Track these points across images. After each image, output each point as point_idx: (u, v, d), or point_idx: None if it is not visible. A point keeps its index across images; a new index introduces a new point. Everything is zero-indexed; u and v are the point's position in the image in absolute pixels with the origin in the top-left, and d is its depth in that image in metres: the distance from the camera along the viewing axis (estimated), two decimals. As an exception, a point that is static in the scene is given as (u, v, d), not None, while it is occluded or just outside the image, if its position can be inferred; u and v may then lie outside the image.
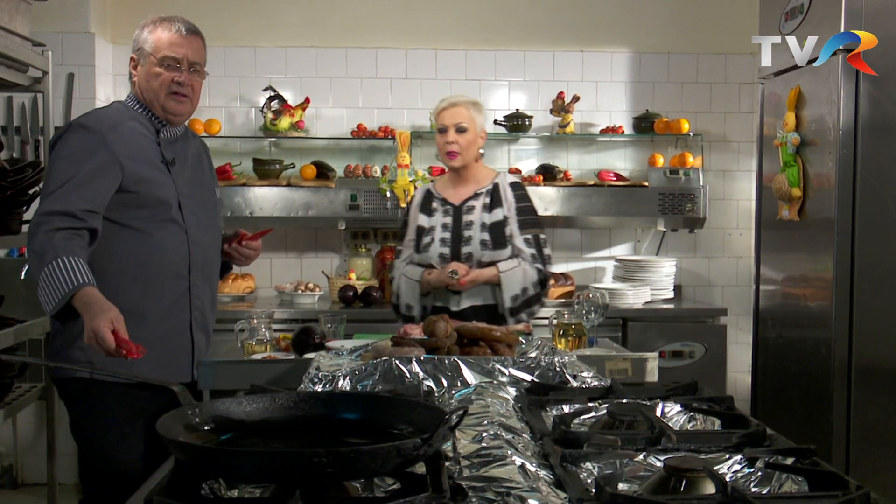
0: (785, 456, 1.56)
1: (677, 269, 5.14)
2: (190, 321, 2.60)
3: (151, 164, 2.54)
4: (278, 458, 1.30)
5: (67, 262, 2.24)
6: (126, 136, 2.50)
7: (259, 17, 5.09)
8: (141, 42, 2.60)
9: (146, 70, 2.57)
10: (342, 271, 5.05)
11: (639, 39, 5.21)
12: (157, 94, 2.56)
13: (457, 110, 3.34)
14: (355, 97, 5.16)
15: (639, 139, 5.18)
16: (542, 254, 3.35)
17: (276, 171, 4.84)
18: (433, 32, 5.15)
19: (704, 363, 4.49)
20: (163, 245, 2.53)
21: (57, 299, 2.22)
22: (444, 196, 3.42)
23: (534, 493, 1.33)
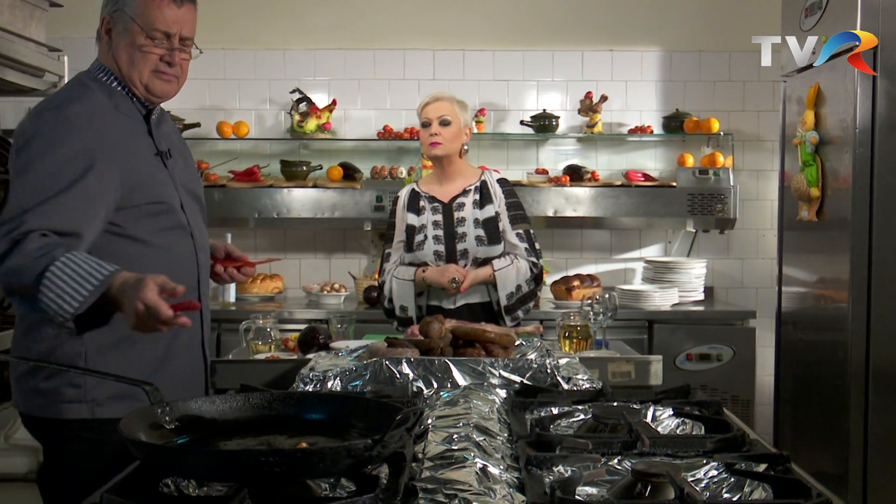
0: (758, 462, 1.53)
1: (709, 270, 5.06)
2: (202, 336, 2.30)
3: (148, 161, 2.13)
4: (227, 458, 1.31)
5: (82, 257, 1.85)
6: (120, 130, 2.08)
7: (288, 21, 5.14)
8: (121, 2, 2.10)
9: (128, 41, 2.09)
10: (370, 272, 5.07)
11: (669, 38, 5.14)
12: (140, 71, 2.10)
13: (440, 104, 3.35)
14: (383, 98, 5.17)
15: (670, 139, 5.11)
16: (534, 248, 3.35)
17: (303, 173, 4.88)
18: (461, 33, 5.15)
19: (732, 366, 4.41)
20: (173, 257, 2.16)
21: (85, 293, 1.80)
22: (432, 194, 3.41)
23: (482, 496, 1.32)
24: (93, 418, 2.05)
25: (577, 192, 4.76)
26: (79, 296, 1.81)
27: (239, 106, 5.15)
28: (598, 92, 4.99)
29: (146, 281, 1.77)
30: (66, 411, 2.06)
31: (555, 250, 5.16)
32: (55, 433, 2.09)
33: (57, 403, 2.06)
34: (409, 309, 3.36)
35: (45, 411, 2.08)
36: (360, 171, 4.91)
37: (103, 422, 2.01)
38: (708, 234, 5.05)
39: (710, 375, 4.41)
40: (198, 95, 5.11)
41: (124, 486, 1.34)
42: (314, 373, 2.16)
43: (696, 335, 4.45)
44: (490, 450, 1.61)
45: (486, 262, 3.31)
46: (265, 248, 5.18)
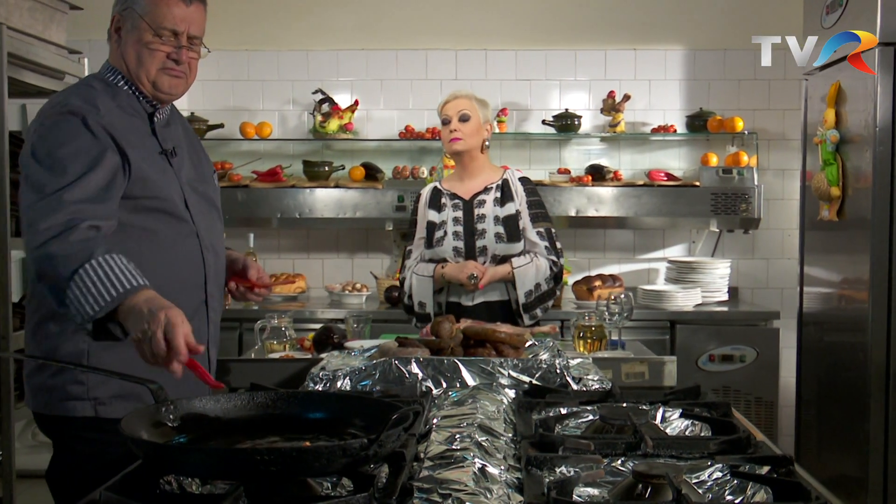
0: (761, 464, 1.51)
1: (734, 270, 5.02)
2: (207, 337, 2.24)
3: (151, 157, 2.12)
4: (223, 456, 1.32)
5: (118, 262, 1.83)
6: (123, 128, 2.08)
7: (311, 22, 5.16)
8: (129, 0, 2.11)
9: (136, 38, 2.10)
10: (392, 272, 5.08)
11: (693, 36, 5.10)
12: (147, 69, 2.11)
13: (458, 101, 3.39)
14: (405, 99, 5.18)
15: (694, 138, 5.07)
16: (555, 247, 3.35)
17: (325, 173, 4.90)
18: (483, 33, 5.14)
19: (755, 368, 4.37)
20: (177, 253, 2.14)
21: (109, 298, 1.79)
22: (454, 191, 3.44)
23: (477, 496, 1.32)
24: (96, 417, 2.04)
25: (599, 192, 4.74)
26: (101, 300, 1.79)
27: (263, 107, 5.18)
28: (622, 91, 4.97)
29: (183, 319, 1.73)
30: (71, 409, 2.05)
31: (578, 250, 5.14)
32: (62, 431, 2.09)
33: (62, 401, 2.06)
34: (427, 305, 3.39)
35: (52, 409, 2.08)
36: (381, 171, 4.93)
37: (107, 421, 2.01)
38: (733, 234, 5.00)
39: (732, 377, 4.37)
40: (222, 96, 5.16)
41: (124, 484, 1.35)
42: (324, 372, 2.17)
43: (718, 336, 4.41)
44: (492, 450, 1.60)
45: (505, 260, 3.32)
46: (288, 249, 5.21)
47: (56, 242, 1.85)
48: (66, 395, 2.06)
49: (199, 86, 5.10)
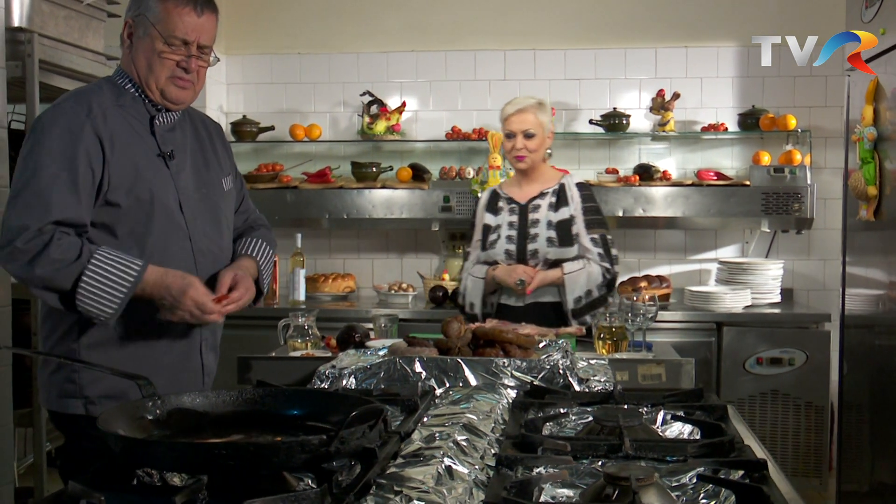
0: (735, 468, 1.49)
1: (788, 272, 4.90)
2: (200, 342, 2.28)
3: (145, 158, 2.14)
4: (185, 451, 1.36)
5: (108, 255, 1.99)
6: (118, 126, 2.11)
7: (361, 25, 5.22)
8: (143, 7, 2.13)
9: (147, 45, 2.12)
10: (440, 272, 5.11)
11: (747, 32, 4.98)
12: (157, 76, 2.14)
13: (524, 116, 3.39)
14: (454, 100, 5.20)
15: (748, 137, 4.96)
16: (610, 254, 3.35)
17: (373, 174, 4.95)
18: (531, 33, 5.13)
19: (805, 371, 4.26)
20: (166, 257, 2.14)
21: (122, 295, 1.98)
22: (511, 195, 3.47)
23: (427, 493, 1.33)
24: (87, 415, 2.09)
25: (646, 192, 4.68)
26: (115, 299, 2.00)
27: (314, 109, 5.27)
28: (673, 89, 4.90)
29: (199, 286, 2.03)
30: (66, 406, 2.14)
31: (627, 250, 5.08)
32: (65, 426, 2.18)
33: (60, 398, 2.14)
34: (476, 306, 3.45)
35: (54, 405, 2.17)
36: (429, 171, 4.96)
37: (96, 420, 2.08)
38: (787, 234, 4.88)
39: (781, 380, 4.27)
40: (275, 99, 5.26)
41: (96, 476, 1.40)
42: (331, 370, 2.21)
43: (767, 339, 4.31)
44: (469, 449, 1.61)
45: (556, 264, 3.33)
46: (339, 249, 5.28)
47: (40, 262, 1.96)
48: (62, 393, 2.14)
49: (254, 89, 5.25)
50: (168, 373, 2.17)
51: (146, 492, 1.36)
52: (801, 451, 4.27)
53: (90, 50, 2.94)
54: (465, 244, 5.07)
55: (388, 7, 5.21)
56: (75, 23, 2.84)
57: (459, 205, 4.78)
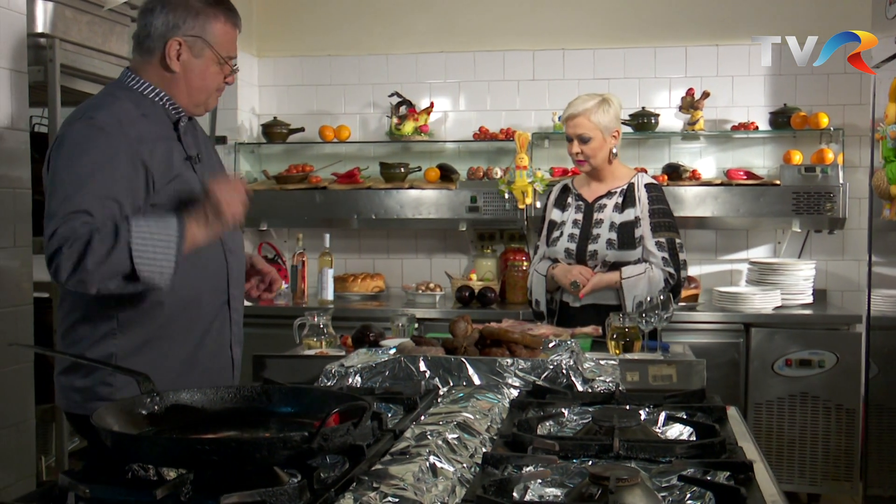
0: (721, 470, 1.48)
1: (822, 272, 4.83)
2: (230, 337, 2.34)
3: (176, 163, 2.18)
4: (169, 446, 1.39)
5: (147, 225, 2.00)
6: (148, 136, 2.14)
7: (391, 26, 5.25)
8: (198, 29, 2.17)
9: (203, 66, 2.19)
10: (468, 272, 5.12)
11: (778, 29, 4.91)
12: (208, 93, 2.24)
13: (577, 121, 3.35)
14: (483, 100, 5.21)
15: (780, 135, 4.90)
16: (676, 259, 3.28)
17: (401, 175, 4.98)
18: (560, 32, 5.12)
19: (835, 373, 4.19)
20: (200, 258, 2.17)
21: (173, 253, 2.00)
22: (580, 192, 3.45)
23: (404, 490, 1.34)
24: None
25: (675, 192, 4.64)
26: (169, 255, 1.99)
27: (344, 110, 5.31)
28: (703, 88, 4.85)
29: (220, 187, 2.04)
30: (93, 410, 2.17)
31: (656, 251, 5.05)
32: (91, 429, 2.22)
33: (91, 401, 2.13)
34: (540, 303, 3.44)
35: (81, 408, 2.17)
36: (457, 172, 4.97)
37: None
38: (820, 234, 4.81)
39: (810, 382, 4.21)
40: (306, 101, 5.32)
41: (87, 469, 1.44)
42: (337, 369, 2.24)
43: (797, 340, 4.25)
44: (459, 448, 1.62)
45: (616, 267, 3.29)
46: (369, 249, 5.32)
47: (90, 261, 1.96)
48: (95, 396, 2.14)
49: (285, 90, 5.31)
50: (202, 368, 2.25)
51: (132, 485, 1.40)
52: (832, 454, 4.21)
53: (113, 54, 3.00)
54: (493, 244, 5.11)
55: (418, 9, 5.24)
56: (98, 28, 2.90)
57: (486, 205, 4.79)
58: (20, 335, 2.61)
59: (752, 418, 4.26)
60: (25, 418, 2.66)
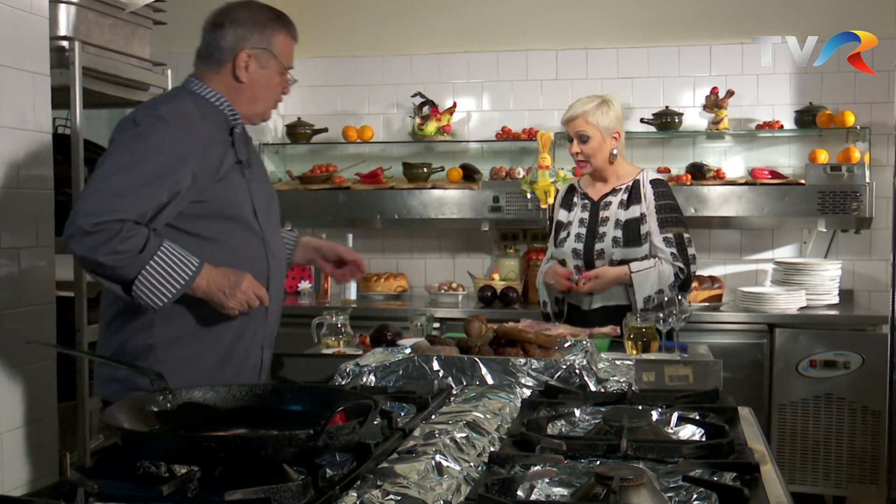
0: (727, 471, 1.48)
1: (849, 272, 4.79)
2: (263, 338, 2.41)
3: (227, 166, 2.26)
4: (176, 443, 1.41)
5: (170, 251, 2.10)
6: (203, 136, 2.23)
7: (414, 27, 5.27)
8: (265, 41, 2.31)
9: (267, 77, 2.34)
10: (491, 272, 5.12)
11: (806, 27, 4.87)
12: (271, 101, 2.39)
13: (576, 122, 3.35)
14: (506, 100, 5.21)
15: (806, 134, 4.85)
16: (685, 254, 3.25)
17: (424, 175, 4.99)
18: (584, 32, 5.10)
19: (861, 374, 4.15)
20: (242, 258, 2.27)
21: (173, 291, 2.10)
22: (586, 191, 3.45)
23: (406, 488, 1.35)
24: None
25: (698, 191, 4.62)
26: (168, 293, 2.10)
27: (368, 111, 5.33)
28: (728, 86, 4.82)
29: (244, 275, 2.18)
30: None
31: (680, 251, 5.02)
32: None
33: (129, 391, 2.19)
34: (549, 305, 3.44)
35: (119, 398, 2.17)
36: (479, 172, 4.97)
37: None
38: (847, 234, 4.75)
39: (836, 384, 4.17)
40: (330, 101, 5.35)
41: (98, 465, 1.47)
42: (352, 368, 2.25)
43: (821, 341, 4.21)
44: (467, 447, 1.63)
45: (623, 264, 3.28)
46: (393, 249, 5.33)
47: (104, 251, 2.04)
48: (134, 387, 2.20)
49: (309, 91, 5.34)
50: (235, 366, 2.33)
51: (140, 481, 1.42)
52: (857, 457, 4.16)
53: (136, 56, 3.04)
54: (516, 244, 5.11)
55: (441, 9, 5.25)
56: (120, 30, 2.94)
57: (509, 205, 4.79)
58: (43, 334, 2.65)
59: (776, 420, 4.23)
60: (48, 415, 2.70)
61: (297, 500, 1.32)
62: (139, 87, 3.14)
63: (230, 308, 2.19)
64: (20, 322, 2.60)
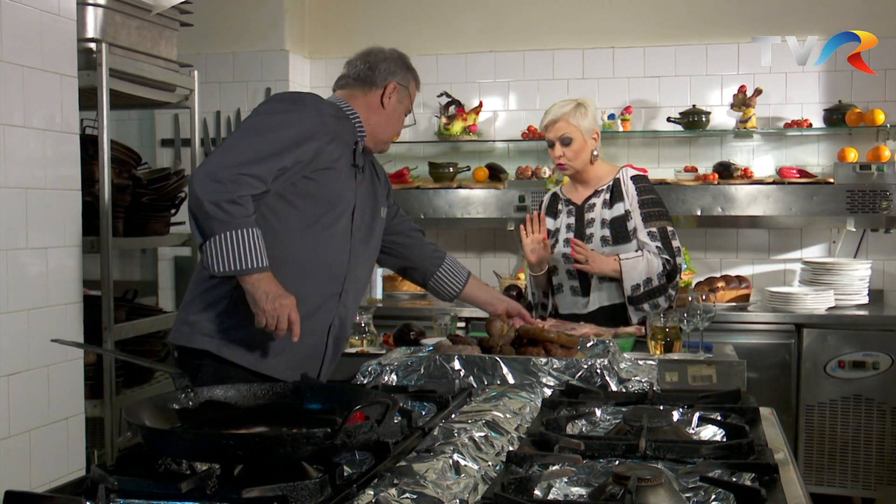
0: (746, 471, 1.47)
1: (878, 272, 4.73)
2: (329, 326, 2.49)
3: (341, 164, 2.44)
4: (195, 441, 1.43)
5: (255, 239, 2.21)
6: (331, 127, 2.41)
7: (441, 27, 5.28)
8: (407, 81, 2.59)
9: (399, 111, 2.59)
10: (516, 271, 5.12)
11: (834, 24, 4.82)
12: (393, 132, 2.62)
13: (557, 125, 3.34)
14: (532, 99, 5.20)
15: (834, 133, 4.80)
16: (670, 246, 3.25)
17: (450, 174, 5.00)
18: (610, 30, 5.08)
19: (890, 375, 4.10)
20: (328, 243, 2.43)
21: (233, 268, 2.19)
22: (569, 197, 3.45)
23: (423, 487, 1.36)
24: (216, 354, 2.34)
25: (725, 190, 4.58)
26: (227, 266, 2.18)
27: (394, 110, 5.34)
28: (756, 84, 4.78)
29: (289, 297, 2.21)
30: (199, 342, 2.35)
31: (707, 250, 4.99)
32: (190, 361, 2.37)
33: (196, 334, 2.37)
34: (537, 295, 3.45)
35: (186, 340, 2.39)
36: (505, 171, 4.98)
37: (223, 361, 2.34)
38: (877, 233, 4.70)
39: (864, 384, 4.12)
40: (356, 101, 5.35)
41: (121, 462, 1.49)
42: (374, 367, 2.26)
43: (850, 341, 4.16)
44: (485, 446, 1.63)
45: None
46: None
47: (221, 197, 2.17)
48: (202, 331, 2.36)
49: (336, 92, 5.35)
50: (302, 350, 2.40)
51: (160, 478, 1.44)
52: (886, 458, 4.12)
53: (162, 58, 3.07)
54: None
55: (467, 9, 5.25)
56: (147, 32, 2.97)
57: (535, 204, 4.78)
58: (70, 332, 2.69)
59: (803, 421, 4.19)
60: (76, 413, 2.74)
61: (315, 498, 1.33)
62: (166, 88, 3.17)
63: (262, 312, 2.22)
64: (48, 321, 2.64)
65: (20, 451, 2.57)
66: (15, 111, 2.53)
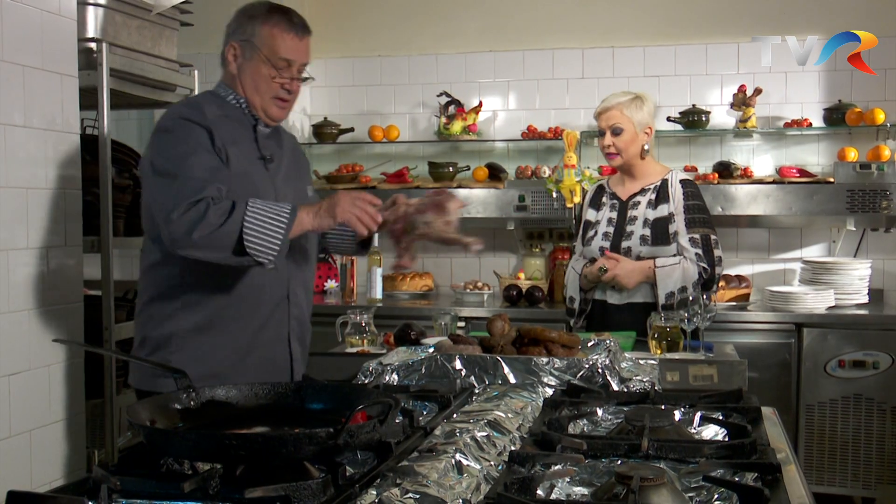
0: (748, 471, 1.47)
1: (878, 271, 4.73)
2: (288, 331, 2.43)
3: (249, 160, 2.32)
4: (197, 441, 1.42)
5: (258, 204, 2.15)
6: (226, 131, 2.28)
7: (440, 26, 5.27)
8: (248, 33, 2.32)
9: (253, 67, 2.32)
10: (516, 271, 5.12)
11: (836, 23, 4.82)
12: (261, 95, 2.34)
13: (610, 113, 3.33)
14: (532, 99, 5.20)
15: (834, 132, 4.80)
16: (711, 255, 3.23)
17: (450, 174, 5.00)
18: (610, 30, 5.09)
19: (890, 374, 4.10)
20: None
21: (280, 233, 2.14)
22: (614, 191, 3.44)
23: (426, 487, 1.36)
24: None
25: (725, 190, 4.58)
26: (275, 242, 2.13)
27: (394, 110, 5.35)
28: (756, 84, 4.78)
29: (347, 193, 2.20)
30: (160, 386, 2.22)
31: (707, 250, 4.99)
32: None
33: (155, 378, 2.27)
34: (575, 301, 3.42)
35: (146, 384, 2.31)
36: (505, 171, 4.98)
37: None
38: (877, 233, 4.70)
39: (864, 384, 4.12)
40: (356, 101, 5.37)
41: (123, 462, 1.49)
42: (375, 366, 2.26)
43: (850, 341, 4.16)
44: (487, 446, 1.63)
45: None
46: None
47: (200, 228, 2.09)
48: (158, 373, 2.24)
49: (336, 91, 5.37)
50: (257, 359, 2.35)
51: (162, 478, 1.43)
52: (887, 458, 4.12)
53: (163, 58, 3.07)
54: (542, 243, 5.10)
55: (467, 8, 5.25)
56: (148, 32, 2.97)
57: (535, 204, 4.78)
58: (71, 332, 2.69)
59: (804, 420, 4.19)
60: (76, 413, 2.74)
61: (317, 498, 1.33)
62: (166, 87, 3.17)
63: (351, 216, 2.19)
64: (49, 320, 2.64)
65: (21, 450, 2.57)
66: (15, 111, 2.52)
